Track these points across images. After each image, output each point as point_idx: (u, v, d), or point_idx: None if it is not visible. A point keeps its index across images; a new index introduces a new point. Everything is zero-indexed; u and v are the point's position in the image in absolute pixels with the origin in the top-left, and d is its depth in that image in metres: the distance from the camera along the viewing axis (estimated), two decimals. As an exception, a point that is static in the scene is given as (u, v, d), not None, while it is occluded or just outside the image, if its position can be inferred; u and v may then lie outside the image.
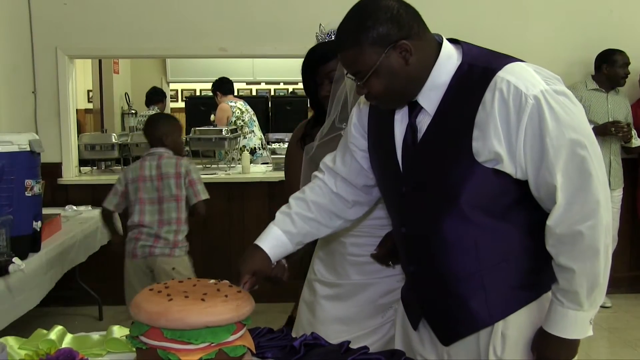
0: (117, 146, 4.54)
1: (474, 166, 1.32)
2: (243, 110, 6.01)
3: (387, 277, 1.86)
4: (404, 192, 1.45)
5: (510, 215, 1.37)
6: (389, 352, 1.42)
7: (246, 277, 1.49)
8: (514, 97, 1.28)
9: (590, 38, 4.33)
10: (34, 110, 4.28)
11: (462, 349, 1.44)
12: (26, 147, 2.68)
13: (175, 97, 9.62)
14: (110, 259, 4.37)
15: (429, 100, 1.38)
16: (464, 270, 1.40)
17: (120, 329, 1.47)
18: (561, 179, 1.28)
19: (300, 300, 2.00)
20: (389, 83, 1.35)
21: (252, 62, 8.20)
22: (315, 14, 4.33)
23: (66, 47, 4.27)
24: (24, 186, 2.67)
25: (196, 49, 4.43)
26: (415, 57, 1.34)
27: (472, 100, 1.32)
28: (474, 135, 1.31)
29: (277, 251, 1.57)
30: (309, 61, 1.88)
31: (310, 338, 1.43)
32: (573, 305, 1.33)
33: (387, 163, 1.49)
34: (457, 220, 1.37)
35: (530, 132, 1.28)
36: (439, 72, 1.37)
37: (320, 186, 1.64)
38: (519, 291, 1.39)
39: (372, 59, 1.33)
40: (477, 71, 1.34)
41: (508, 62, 1.33)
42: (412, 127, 1.42)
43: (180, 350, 1.19)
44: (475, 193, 1.34)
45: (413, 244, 1.48)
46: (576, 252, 1.30)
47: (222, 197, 4.47)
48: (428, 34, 1.39)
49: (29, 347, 1.41)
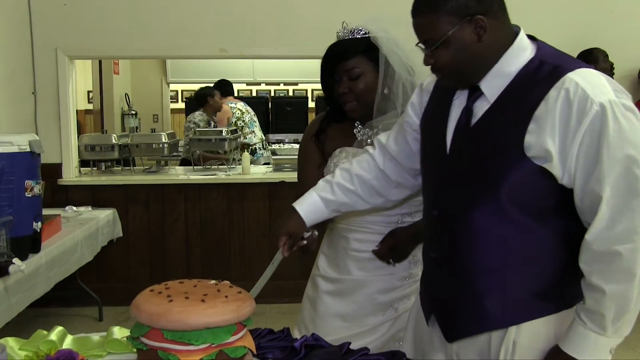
0: (117, 147, 4.53)
1: (522, 159, 1.29)
2: (243, 111, 6.06)
3: (388, 274, 1.86)
4: (446, 174, 1.43)
5: (547, 220, 1.33)
6: (389, 353, 1.42)
7: (283, 239, 1.59)
8: (580, 99, 1.24)
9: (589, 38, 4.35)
10: (34, 110, 4.28)
11: (472, 352, 1.42)
12: (26, 147, 2.68)
13: (175, 97, 9.62)
14: (111, 260, 4.39)
15: (491, 87, 1.36)
16: (486, 265, 1.36)
17: (121, 330, 1.47)
18: (609, 193, 1.23)
19: (304, 295, 2.02)
20: (457, 56, 1.33)
21: (252, 62, 8.20)
22: (315, 14, 4.35)
23: (66, 47, 4.27)
24: (24, 187, 2.67)
25: (196, 50, 4.43)
26: (489, 36, 1.32)
27: (536, 95, 1.29)
28: (529, 128, 1.28)
29: (313, 216, 1.63)
30: (329, 57, 1.88)
31: (310, 339, 1.43)
32: (596, 328, 1.27)
33: (435, 143, 1.47)
34: (490, 211, 1.34)
35: (588, 138, 1.24)
36: (508, 60, 1.35)
37: (368, 161, 1.67)
38: (538, 300, 1.35)
39: (445, 28, 1.31)
40: (547, 68, 1.31)
41: (581, 66, 1.30)
42: (468, 110, 1.39)
43: (180, 351, 1.19)
44: (517, 188, 1.30)
45: (441, 228, 1.45)
46: (611, 272, 1.25)
47: (222, 198, 4.48)
48: (506, 19, 1.37)
49: (29, 348, 1.40)
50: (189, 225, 4.50)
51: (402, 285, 1.87)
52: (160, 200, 4.48)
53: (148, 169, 4.79)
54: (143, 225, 4.47)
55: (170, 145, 4.64)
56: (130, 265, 4.49)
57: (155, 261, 4.50)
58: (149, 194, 4.47)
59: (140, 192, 4.46)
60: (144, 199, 4.46)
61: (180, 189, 4.49)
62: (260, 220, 4.48)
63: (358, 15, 1.98)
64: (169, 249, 4.51)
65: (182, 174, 4.69)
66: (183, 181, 4.49)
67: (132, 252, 4.48)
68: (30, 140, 2.70)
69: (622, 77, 4.35)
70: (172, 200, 4.48)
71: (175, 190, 4.49)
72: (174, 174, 4.68)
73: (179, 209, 4.49)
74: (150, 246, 4.50)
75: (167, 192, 4.48)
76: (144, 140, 4.66)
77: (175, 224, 4.50)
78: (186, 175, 4.61)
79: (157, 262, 4.50)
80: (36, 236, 2.81)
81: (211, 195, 4.49)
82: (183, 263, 4.50)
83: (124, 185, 4.45)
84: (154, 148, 4.61)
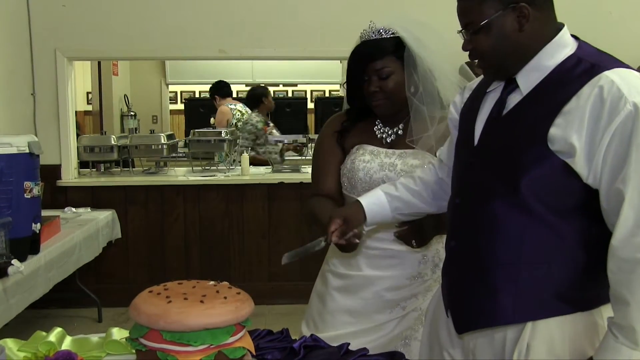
0: (116, 148, 4.53)
1: (545, 153, 1.27)
2: (243, 112, 6.03)
3: (397, 273, 1.87)
4: (471, 163, 1.43)
5: (569, 219, 1.31)
6: (388, 354, 1.42)
7: (337, 222, 1.57)
8: (613, 97, 1.22)
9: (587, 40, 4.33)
10: (33, 112, 4.28)
11: (488, 352, 1.41)
12: (25, 149, 2.68)
13: (175, 99, 9.62)
14: (110, 261, 4.39)
15: (528, 80, 1.35)
16: (503, 258, 1.35)
17: (120, 331, 1.47)
18: (635, 196, 1.20)
19: (313, 291, 2.03)
20: (496, 44, 1.33)
21: (251, 64, 8.20)
22: (314, 16, 4.36)
23: (65, 49, 4.27)
24: (23, 188, 2.66)
25: (195, 51, 4.43)
26: (531, 27, 1.32)
27: (569, 90, 1.27)
28: (556, 121, 1.26)
29: (374, 208, 1.63)
30: (359, 59, 1.89)
31: (309, 340, 1.43)
32: (628, 343, 1.22)
33: (466, 132, 1.47)
34: (511, 203, 1.32)
35: (618, 137, 1.22)
36: (547, 55, 1.34)
37: (430, 168, 1.70)
38: (552, 299, 1.32)
39: (488, 12, 1.31)
40: (584, 65, 1.29)
41: (621, 66, 1.29)
42: (502, 102, 1.39)
43: (179, 352, 1.19)
44: (538, 181, 1.29)
45: (462, 216, 1.45)
46: (635, 281, 1.21)
47: (221, 199, 4.48)
48: (551, 12, 1.37)
49: (28, 350, 1.40)
50: (188, 226, 4.50)
51: (410, 284, 1.87)
52: (159, 201, 4.48)
53: (147, 170, 4.79)
54: (142, 226, 4.47)
55: (170, 146, 4.64)
56: (129, 267, 4.48)
57: (154, 262, 4.50)
58: (148, 195, 4.47)
59: (139, 193, 4.46)
60: (143, 200, 4.46)
61: (179, 190, 4.48)
62: (259, 222, 4.48)
63: (357, 17, 1.98)
64: (168, 250, 4.51)
65: (181, 175, 4.69)
66: (182, 182, 4.49)
67: (131, 253, 4.48)
68: (29, 142, 2.70)
69: (621, 78, 4.34)
70: (171, 201, 4.48)
71: (174, 192, 4.48)
72: (173, 175, 4.68)
73: (178, 210, 4.49)
74: (149, 247, 4.50)
75: (166, 193, 4.48)
76: (143, 141, 4.66)
77: (174, 225, 4.49)
78: (185, 176, 4.61)
79: (156, 263, 4.50)
80: (35, 237, 2.81)
81: (210, 196, 4.49)
82: (182, 264, 4.50)
83: (123, 187, 4.45)
84: (153, 149, 4.61)
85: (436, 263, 1.88)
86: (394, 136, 1.92)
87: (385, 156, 1.88)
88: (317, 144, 2.07)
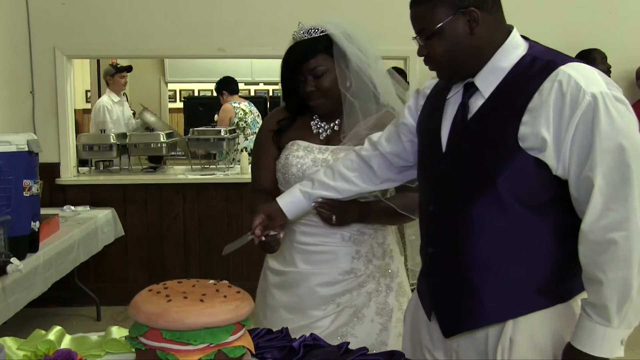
0: (115, 146, 4.53)
1: (516, 151, 1.31)
2: (246, 112, 5.88)
3: (331, 268, 1.88)
4: (442, 170, 1.45)
5: (545, 214, 1.35)
6: (387, 353, 1.42)
7: (261, 217, 1.69)
8: (572, 90, 1.27)
9: (587, 40, 4.35)
10: (32, 110, 4.28)
11: (471, 351, 1.43)
12: (24, 147, 2.67)
13: (174, 97, 9.61)
14: (109, 260, 4.39)
15: (486, 82, 1.39)
16: (484, 258, 1.38)
17: (119, 330, 1.47)
18: (602, 182, 1.26)
19: (257, 288, 2.05)
20: (450, 48, 1.37)
21: (250, 62, 8.19)
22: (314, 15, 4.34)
23: (64, 47, 4.27)
24: (22, 186, 2.66)
25: (194, 50, 4.43)
26: (481, 30, 1.35)
27: (530, 88, 1.32)
28: (523, 119, 1.31)
29: (292, 206, 1.73)
30: (292, 59, 1.93)
31: (309, 339, 1.43)
32: (601, 320, 1.28)
33: (431, 141, 1.49)
34: (489, 204, 1.35)
35: (581, 128, 1.27)
36: (501, 57, 1.38)
37: (352, 159, 1.72)
38: (534, 294, 1.36)
39: (439, 18, 1.35)
40: (540, 63, 1.34)
41: (574, 61, 1.34)
42: (464, 106, 1.42)
43: (179, 351, 1.19)
44: (514, 180, 1.32)
45: (439, 223, 1.47)
46: (607, 262, 1.26)
47: (221, 198, 4.48)
48: (500, 16, 1.40)
49: (28, 348, 1.40)
50: (187, 225, 4.50)
51: (343, 280, 1.87)
52: (158, 200, 4.48)
53: (146, 169, 4.78)
54: (141, 224, 4.47)
55: (169, 144, 4.63)
56: (128, 265, 4.48)
57: (154, 261, 4.50)
58: (147, 194, 4.47)
59: (138, 191, 4.46)
60: (142, 198, 4.46)
61: (178, 189, 4.48)
62: (258, 220, 4.47)
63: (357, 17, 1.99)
64: (167, 249, 4.51)
65: (180, 173, 4.69)
66: (181, 181, 4.49)
67: (130, 252, 4.48)
68: (28, 140, 2.69)
69: (620, 78, 4.35)
70: (170, 200, 4.48)
71: (173, 190, 4.48)
72: (172, 174, 4.68)
73: (177, 208, 4.49)
74: (148, 246, 4.50)
75: (166, 191, 4.48)
76: (142, 139, 4.66)
77: (173, 223, 4.49)
78: (184, 175, 4.61)
79: (156, 261, 4.50)
80: (34, 236, 2.81)
81: (209, 195, 4.49)
82: (181, 263, 4.50)
83: (122, 185, 4.45)
84: (152, 147, 4.61)
85: (369, 259, 1.89)
86: (329, 131, 1.93)
87: (319, 152, 1.89)
88: (255, 140, 2.10)
